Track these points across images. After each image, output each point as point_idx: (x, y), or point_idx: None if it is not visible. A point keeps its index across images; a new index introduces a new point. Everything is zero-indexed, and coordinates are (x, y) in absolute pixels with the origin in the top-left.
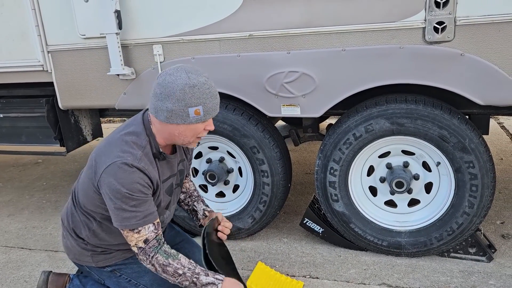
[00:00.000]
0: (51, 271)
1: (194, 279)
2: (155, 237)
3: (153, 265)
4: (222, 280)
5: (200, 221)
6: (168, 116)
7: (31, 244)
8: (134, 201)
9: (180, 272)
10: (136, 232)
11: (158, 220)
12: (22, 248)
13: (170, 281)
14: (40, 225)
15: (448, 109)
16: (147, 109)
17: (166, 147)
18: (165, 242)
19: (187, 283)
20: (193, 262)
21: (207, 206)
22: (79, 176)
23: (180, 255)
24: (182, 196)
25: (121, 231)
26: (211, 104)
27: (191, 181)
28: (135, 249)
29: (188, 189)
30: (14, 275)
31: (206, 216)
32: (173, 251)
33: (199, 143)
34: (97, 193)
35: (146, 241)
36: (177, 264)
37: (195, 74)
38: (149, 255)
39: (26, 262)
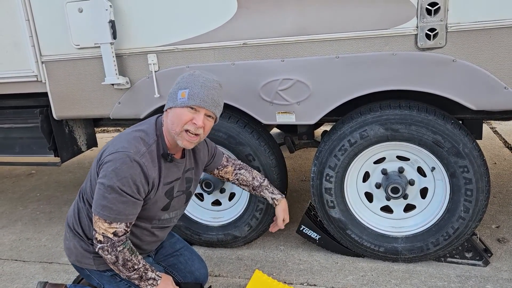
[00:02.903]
0: (47, 282)
1: (143, 274)
2: (125, 233)
3: (116, 257)
4: (161, 278)
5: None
6: (167, 100)
7: (25, 256)
8: (116, 194)
9: (136, 267)
10: (108, 222)
11: (132, 222)
12: (16, 260)
13: (121, 275)
14: (34, 237)
15: (442, 114)
16: (161, 114)
17: (176, 151)
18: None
19: (136, 276)
20: (143, 259)
21: (273, 192)
22: (88, 175)
23: (137, 252)
24: (247, 189)
25: (93, 216)
26: (198, 91)
27: (243, 169)
28: (100, 237)
29: (247, 181)
30: None
31: (277, 205)
32: (133, 248)
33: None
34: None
35: (115, 234)
36: (136, 260)
37: (205, 73)
38: (116, 249)
39: (20, 275)
